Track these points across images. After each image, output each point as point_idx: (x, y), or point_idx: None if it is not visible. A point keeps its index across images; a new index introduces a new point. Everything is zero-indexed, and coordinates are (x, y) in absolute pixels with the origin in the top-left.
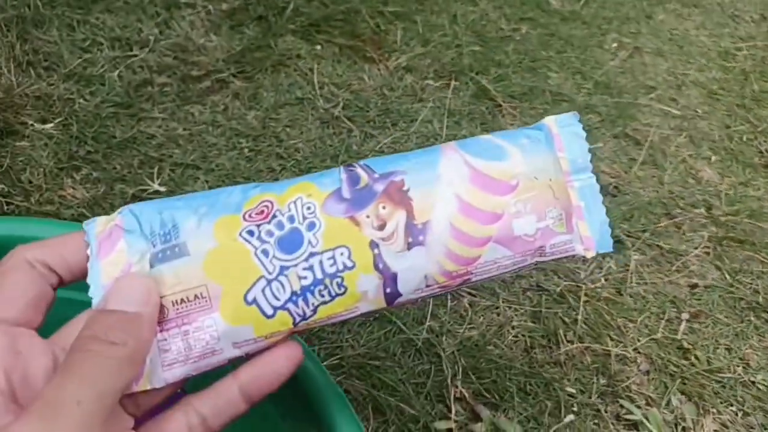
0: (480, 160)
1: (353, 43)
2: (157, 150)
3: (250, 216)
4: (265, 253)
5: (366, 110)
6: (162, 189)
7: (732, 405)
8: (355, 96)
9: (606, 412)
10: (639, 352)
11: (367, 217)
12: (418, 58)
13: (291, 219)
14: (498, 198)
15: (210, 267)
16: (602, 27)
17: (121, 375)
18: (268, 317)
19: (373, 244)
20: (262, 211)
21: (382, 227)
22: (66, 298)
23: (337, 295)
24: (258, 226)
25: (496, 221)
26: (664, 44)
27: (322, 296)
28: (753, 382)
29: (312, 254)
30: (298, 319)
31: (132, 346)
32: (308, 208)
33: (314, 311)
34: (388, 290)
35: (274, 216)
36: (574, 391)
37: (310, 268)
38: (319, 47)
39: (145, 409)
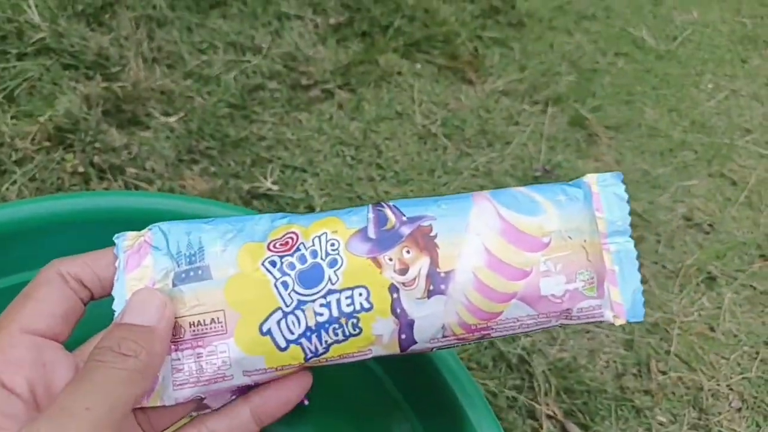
0: (512, 213)
1: (452, 64)
2: (268, 151)
3: (274, 246)
4: (285, 285)
5: (462, 129)
6: (274, 187)
7: None
8: (452, 114)
9: None
10: (731, 389)
11: (390, 259)
12: (514, 83)
13: (314, 254)
14: (527, 254)
15: (230, 293)
16: (697, 68)
17: (131, 386)
18: (281, 350)
19: (393, 288)
20: (287, 243)
21: (404, 271)
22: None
23: (351, 335)
24: (281, 257)
25: (522, 278)
26: (761, 89)
27: (336, 335)
28: None
29: (331, 291)
30: (309, 354)
31: (143, 358)
32: (332, 245)
33: (327, 349)
34: (403, 336)
35: (298, 249)
36: (665, 420)
37: (328, 305)
38: (419, 66)
39: (159, 430)
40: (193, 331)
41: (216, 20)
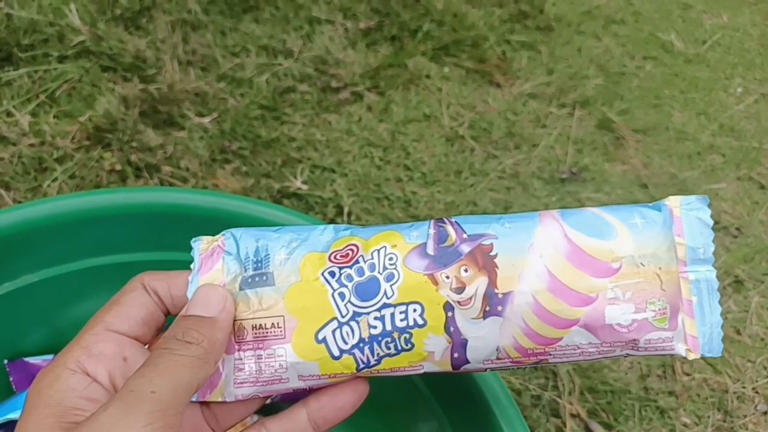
0: (581, 235)
1: (480, 67)
2: (298, 152)
3: (335, 257)
4: (342, 296)
5: (489, 131)
6: (304, 187)
7: None
8: (480, 117)
9: None
10: (757, 392)
11: (447, 277)
12: (542, 86)
13: (372, 267)
14: (594, 279)
15: (290, 300)
16: (727, 72)
17: (194, 370)
18: (334, 358)
19: (448, 306)
20: (347, 254)
21: (460, 290)
22: None
23: (403, 350)
24: (340, 268)
25: (586, 304)
26: None
27: (388, 348)
28: None
29: (385, 305)
30: (361, 365)
31: (205, 346)
32: (390, 259)
33: (378, 361)
34: (455, 355)
35: (357, 261)
36: (689, 421)
37: (382, 318)
38: (447, 69)
39: (225, 428)
40: (255, 333)
41: (249, 24)
